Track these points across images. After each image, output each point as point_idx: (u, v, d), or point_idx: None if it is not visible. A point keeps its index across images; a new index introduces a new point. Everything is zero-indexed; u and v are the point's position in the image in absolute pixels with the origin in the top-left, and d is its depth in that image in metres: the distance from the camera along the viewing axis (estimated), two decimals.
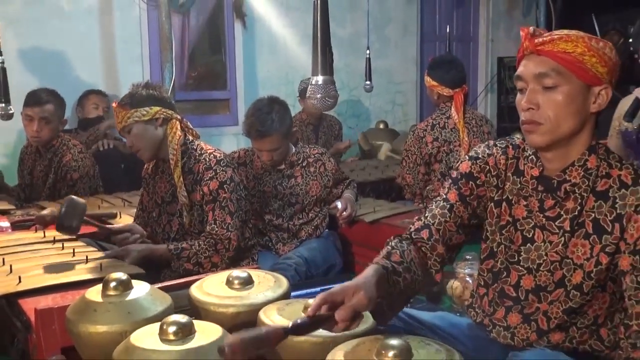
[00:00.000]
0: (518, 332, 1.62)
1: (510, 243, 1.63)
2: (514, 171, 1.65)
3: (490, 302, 1.68)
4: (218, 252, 2.51)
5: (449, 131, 3.47)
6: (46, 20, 4.63)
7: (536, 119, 1.49)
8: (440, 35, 6.88)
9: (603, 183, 1.52)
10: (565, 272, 1.55)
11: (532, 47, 1.50)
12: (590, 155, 1.53)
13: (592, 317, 1.56)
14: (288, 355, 1.44)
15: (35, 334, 1.68)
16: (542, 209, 1.58)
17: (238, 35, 5.57)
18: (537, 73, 1.49)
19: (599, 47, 1.47)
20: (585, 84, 1.49)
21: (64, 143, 3.55)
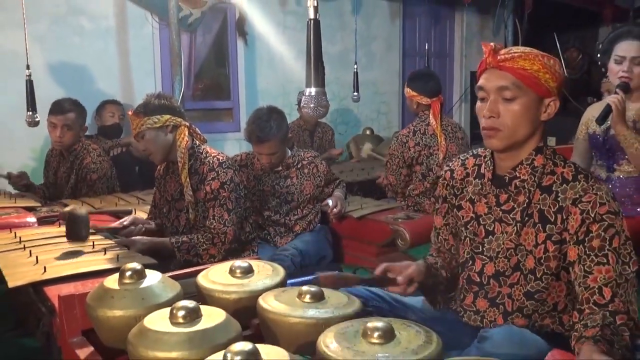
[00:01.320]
0: (486, 315, 1.63)
1: (475, 236, 1.66)
2: (476, 175, 1.69)
3: (460, 290, 1.70)
4: (215, 245, 2.52)
5: (429, 137, 3.48)
6: (69, 38, 4.61)
7: (496, 125, 1.53)
8: (420, 51, 6.89)
9: (548, 179, 1.56)
10: (520, 258, 1.58)
11: (495, 63, 1.53)
12: (537, 155, 1.57)
13: (552, 304, 1.58)
14: (285, 335, 1.44)
15: (59, 318, 1.67)
16: (499, 204, 1.61)
17: (240, 51, 5.57)
18: (499, 86, 1.52)
19: (550, 64, 1.51)
20: (539, 96, 1.52)
21: (85, 147, 3.54)
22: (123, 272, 1.57)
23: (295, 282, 1.75)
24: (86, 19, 4.69)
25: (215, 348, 1.22)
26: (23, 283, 1.91)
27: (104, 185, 3.54)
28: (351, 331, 1.30)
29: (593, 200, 1.46)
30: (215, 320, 1.33)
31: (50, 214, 2.94)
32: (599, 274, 1.41)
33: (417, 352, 1.22)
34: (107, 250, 2.22)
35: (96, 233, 2.50)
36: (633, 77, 2.66)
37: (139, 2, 4.90)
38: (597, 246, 1.43)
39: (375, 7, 6.41)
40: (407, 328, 1.32)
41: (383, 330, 1.26)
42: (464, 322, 1.67)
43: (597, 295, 1.39)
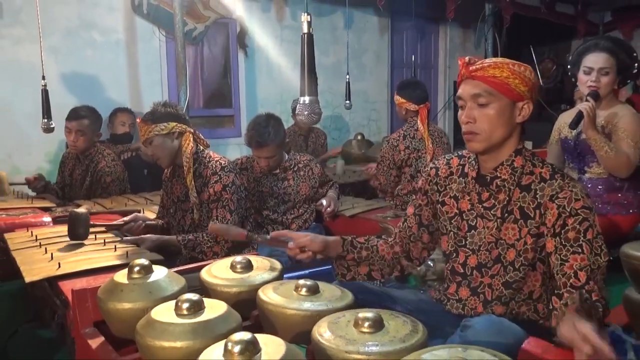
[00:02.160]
0: (468, 303, 1.63)
1: (458, 230, 1.67)
2: (460, 174, 1.69)
3: (444, 280, 1.70)
4: (218, 243, 2.51)
5: (418, 140, 3.49)
6: (82, 51, 4.60)
7: (474, 130, 1.55)
8: (407, 63, 6.90)
9: (527, 178, 1.57)
10: (500, 251, 1.58)
11: (468, 74, 1.55)
12: (517, 156, 1.58)
13: (527, 292, 1.58)
14: (282, 325, 1.43)
15: (72, 310, 1.67)
16: (481, 201, 1.62)
17: (241, 62, 5.57)
18: (473, 94, 1.54)
19: (520, 70, 1.52)
20: (511, 101, 1.53)
21: (99, 152, 3.53)
22: (132, 268, 1.56)
23: (291, 276, 1.75)
24: (98, 32, 4.68)
25: (217, 338, 1.21)
26: (39, 278, 1.90)
27: (116, 187, 3.53)
28: (343, 321, 1.30)
29: (569, 196, 1.48)
30: (217, 312, 1.33)
31: (65, 213, 2.93)
32: (574, 261, 1.43)
33: (404, 340, 1.22)
34: (117, 247, 2.22)
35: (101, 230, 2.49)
36: (600, 86, 2.68)
37: (147, 17, 4.89)
38: (573, 237, 1.45)
39: (365, 22, 6.42)
40: (395, 318, 1.33)
41: (373, 321, 1.26)
42: (447, 310, 1.67)
43: (573, 278, 1.41)
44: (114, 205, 3.17)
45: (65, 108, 3.50)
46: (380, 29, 6.59)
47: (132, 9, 4.82)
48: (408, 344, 1.20)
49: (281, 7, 5.70)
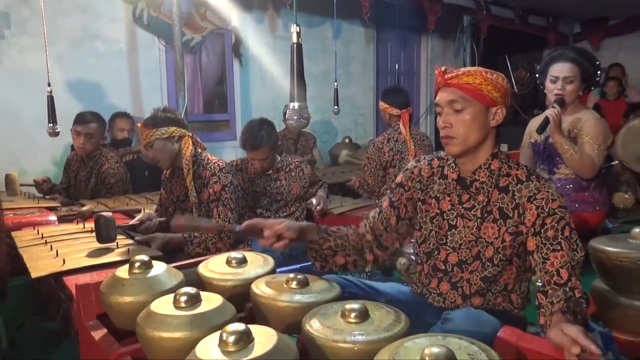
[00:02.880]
0: (448, 297, 1.63)
1: (439, 229, 1.66)
2: (440, 175, 1.68)
3: (426, 275, 1.70)
4: (222, 239, 2.50)
5: (401, 143, 3.50)
6: (86, 59, 4.56)
7: (451, 134, 1.55)
8: (391, 70, 6.92)
9: (504, 180, 1.57)
10: (480, 249, 1.59)
11: (444, 81, 1.55)
12: (494, 159, 1.59)
13: (503, 284, 1.59)
14: (274, 317, 1.43)
15: (76, 304, 1.65)
16: (461, 202, 1.62)
17: (236, 70, 5.55)
18: (449, 100, 1.54)
19: (492, 78, 1.52)
20: (485, 106, 1.54)
21: (103, 154, 3.52)
22: (132, 263, 1.55)
23: (283, 271, 1.74)
24: (101, 42, 4.64)
25: (213, 329, 1.21)
26: (44, 274, 1.88)
27: (120, 187, 3.52)
28: (331, 312, 1.30)
29: (546, 197, 1.49)
30: (213, 305, 1.32)
31: (69, 212, 2.91)
32: (555, 259, 1.43)
33: (387, 329, 1.22)
34: (119, 244, 2.20)
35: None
36: (566, 93, 2.71)
37: (147, 27, 4.86)
38: (552, 236, 1.45)
39: (352, 33, 6.42)
40: (380, 309, 1.33)
41: (359, 311, 1.26)
42: (429, 303, 1.68)
43: (556, 276, 1.42)
44: (116, 205, 3.15)
45: (70, 113, 3.47)
46: (366, 39, 6.60)
47: (134, 20, 4.79)
48: (392, 333, 1.20)
49: (274, 19, 5.69)
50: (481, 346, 1.10)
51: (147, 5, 4.79)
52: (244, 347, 1.08)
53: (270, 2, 5.61)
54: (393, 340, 1.16)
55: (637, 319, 1.64)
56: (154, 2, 4.78)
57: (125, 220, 2.79)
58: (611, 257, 1.67)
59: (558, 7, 6.98)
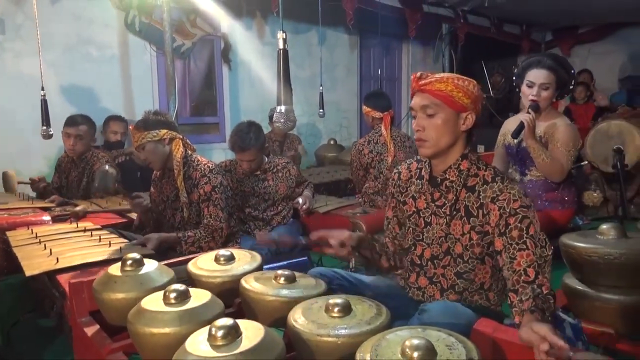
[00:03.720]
0: (426, 291, 1.65)
1: (416, 226, 1.68)
2: (417, 176, 1.71)
3: (406, 270, 1.71)
4: (214, 238, 2.49)
5: (381, 145, 3.51)
6: (79, 64, 4.50)
7: (423, 137, 1.57)
8: (374, 76, 6.94)
9: (472, 180, 1.59)
10: (450, 245, 1.60)
11: (418, 87, 1.57)
12: (463, 160, 1.60)
13: (479, 283, 1.60)
14: (261, 311, 1.42)
15: (69, 301, 1.63)
16: (433, 200, 1.64)
17: (225, 75, 5.52)
18: (422, 105, 1.56)
19: (464, 85, 1.54)
20: (455, 112, 1.55)
21: (95, 155, 3.47)
22: (124, 261, 1.54)
23: (271, 267, 1.74)
24: (94, 48, 4.58)
25: (202, 324, 1.20)
26: (38, 272, 1.85)
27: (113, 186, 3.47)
28: (316, 307, 1.30)
29: (507, 197, 1.50)
30: (202, 300, 1.31)
31: (63, 212, 2.87)
32: (522, 258, 1.43)
33: (369, 322, 1.22)
34: (111, 243, 2.17)
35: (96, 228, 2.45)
36: (541, 100, 2.70)
37: (139, 34, 4.81)
38: (517, 235, 1.45)
39: (337, 39, 6.43)
40: (362, 303, 1.33)
41: (342, 306, 1.26)
42: (409, 297, 1.68)
43: (524, 275, 1.42)
44: (108, 205, 3.11)
45: (64, 117, 3.43)
46: (350, 46, 6.61)
47: (126, 27, 4.74)
48: (373, 326, 1.21)
49: (262, 26, 5.68)
50: (459, 338, 1.11)
51: (139, 12, 4.74)
52: (232, 341, 1.08)
53: (258, 10, 5.60)
54: (375, 333, 1.17)
55: (604, 310, 1.66)
56: (145, 9, 4.74)
57: (117, 220, 2.76)
58: (580, 252, 1.69)
59: (531, 16, 7.05)
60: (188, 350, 1.07)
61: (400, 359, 1.02)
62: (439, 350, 1.04)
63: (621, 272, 1.63)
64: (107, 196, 3.36)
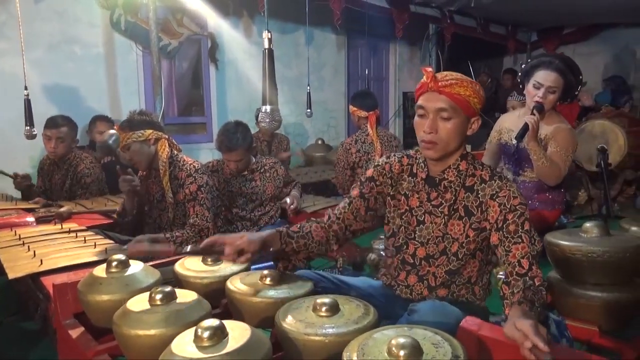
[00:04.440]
0: (415, 288, 1.65)
1: (408, 225, 1.66)
2: (409, 173, 1.68)
3: (395, 268, 1.70)
4: (202, 238, 2.47)
5: (368, 145, 3.52)
6: (63, 63, 4.45)
7: (434, 140, 1.53)
8: (362, 76, 6.95)
9: (470, 180, 1.59)
10: (446, 244, 1.60)
11: (436, 88, 1.51)
12: (462, 161, 1.60)
13: (467, 277, 1.61)
14: (248, 312, 1.42)
15: (54, 303, 1.61)
16: (429, 199, 1.62)
17: (212, 74, 5.50)
18: (438, 108, 1.52)
19: (477, 89, 1.53)
20: (467, 116, 1.54)
21: (78, 156, 3.44)
22: (110, 263, 1.53)
23: (258, 267, 1.73)
24: (78, 47, 4.53)
25: (189, 325, 1.19)
26: (22, 274, 1.83)
27: (96, 187, 3.44)
28: (303, 307, 1.30)
29: (507, 195, 1.52)
30: (188, 301, 1.31)
31: (47, 214, 2.83)
32: (517, 250, 1.46)
33: (357, 322, 1.23)
34: (97, 245, 2.15)
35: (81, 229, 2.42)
36: (546, 102, 2.63)
37: (124, 33, 4.77)
38: (513, 230, 1.48)
39: (324, 39, 6.43)
40: (349, 302, 1.34)
41: (329, 305, 1.26)
42: (397, 295, 1.69)
43: (518, 267, 1.43)
44: (94, 206, 3.08)
45: (47, 116, 3.37)
46: (337, 46, 6.62)
47: (111, 26, 4.70)
48: (361, 325, 1.21)
49: (249, 25, 5.66)
50: (444, 336, 1.12)
51: (125, 11, 4.70)
52: (218, 342, 1.08)
53: (245, 9, 5.58)
54: (362, 332, 1.17)
55: (588, 307, 1.68)
56: (131, 8, 4.70)
57: (102, 221, 2.73)
58: (564, 250, 1.71)
59: (517, 17, 7.12)
60: (174, 352, 1.07)
61: (387, 358, 1.03)
62: (425, 349, 1.05)
63: (604, 269, 1.65)
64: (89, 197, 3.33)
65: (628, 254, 1.64)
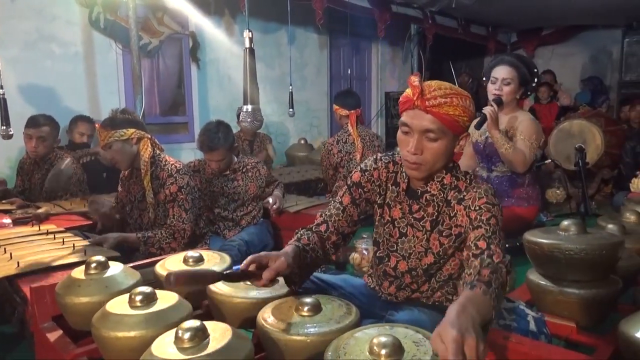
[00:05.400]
0: (398, 296, 1.65)
1: (390, 237, 1.63)
2: (392, 182, 1.62)
3: (378, 277, 1.70)
4: (176, 239, 2.46)
5: (349, 145, 3.54)
6: (40, 62, 4.37)
7: (419, 161, 1.45)
8: (344, 75, 6.96)
9: (452, 193, 1.53)
10: (428, 259, 1.57)
11: (423, 107, 1.39)
12: (447, 174, 1.53)
13: (447, 274, 1.60)
14: (230, 313, 1.42)
15: (31, 306, 1.59)
16: (411, 212, 1.58)
17: (194, 74, 5.45)
18: (425, 128, 1.41)
19: (467, 105, 1.42)
20: (456, 135, 1.46)
21: (59, 156, 3.39)
22: (89, 264, 1.51)
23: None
24: (56, 45, 4.46)
25: (169, 326, 1.18)
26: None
27: (76, 188, 3.39)
28: (285, 307, 1.30)
29: (472, 196, 1.47)
30: (169, 303, 1.29)
31: (24, 215, 2.78)
32: (473, 234, 1.39)
33: (339, 321, 1.23)
34: (75, 246, 2.12)
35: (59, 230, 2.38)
36: (503, 94, 2.85)
37: (104, 31, 4.70)
38: (473, 217, 1.43)
39: (307, 39, 6.43)
40: (331, 302, 1.34)
41: (311, 305, 1.27)
42: (378, 296, 1.69)
43: (474, 248, 1.36)
44: (73, 207, 3.03)
45: (25, 116, 3.32)
46: (320, 45, 6.62)
47: (90, 24, 4.62)
48: (342, 325, 1.22)
49: (230, 25, 5.63)
50: (426, 334, 1.13)
51: (104, 9, 4.63)
52: (199, 343, 1.07)
53: (227, 8, 5.55)
54: (344, 331, 1.18)
55: (566, 304, 1.71)
56: (110, 6, 4.63)
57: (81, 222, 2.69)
58: (543, 248, 1.74)
59: (497, 18, 7.21)
60: (154, 354, 1.06)
61: (369, 357, 1.03)
62: (406, 347, 1.05)
63: (581, 266, 1.68)
64: (69, 198, 3.28)
65: (604, 251, 1.67)
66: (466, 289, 1.19)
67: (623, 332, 1.36)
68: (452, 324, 0.98)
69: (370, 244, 2.75)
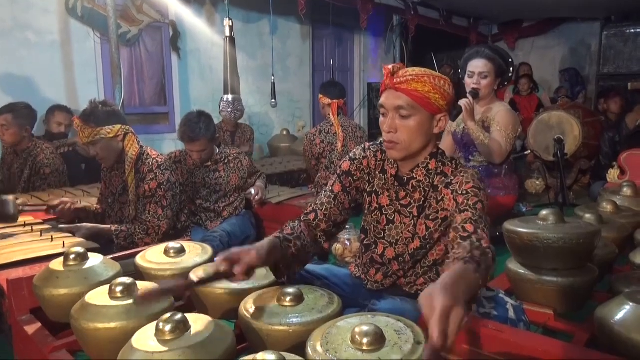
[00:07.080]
0: (383, 283, 1.66)
1: (378, 224, 1.64)
2: (380, 170, 1.64)
3: (364, 265, 1.70)
4: (149, 235, 2.42)
5: (332, 135, 3.54)
6: (16, 51, 4.27)
7: (394, 139, 1.49)
8: (327, 66, 6.95)
9: (438, 178, 1.55)
10: (415, 244, 1.58)
11: (392, 85, 1.46)
12: (432, 159, 1.55)
13: (432, 260, 1.61)
14: (212, 304, 1.41)
15: (8, 299, 1.56)
16: (398, 199, 1.60)
17: (174, 63, 5.39)
18: (396, 105, 1.46)
19: (440, 84, 1.45)
20: (431, 114, 1.48)
21: (38, 146, 3.34)
22: (67, 256, 1.49)
23: None
24: (32, 33, 4.35)
25: (150, 318, 1.18)
26: None
27: (55, 178, 3.34)
28: (267, 297, 1.30)
29: (460, 181, 1.49)
30: None
31: None
32: (460, 217, 1.40)
33: (321, 311, 1.23)
34: (53, 238, 2.08)
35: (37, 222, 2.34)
36: (481, 87, 2.88)
37: (81, 19, 4.61)
38: (460, 202, 1.44)
39: (289, 29, 6.39)
40: (314, 292, 1.34)
41: (293, 295, 1.27)
42: (367, 289, 1.69)
43: (461, 231, 1.37)
44: (51, 199, 2.97)
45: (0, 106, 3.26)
46: (302, 36, 6.59)
47: (67, 12, 4.52)
48: (325, 314, 1.22)
49: (212, 14, 5.56)
50: (407, 323, 1.13)
51: None
52: (180, 335, 1.06)
53: None
54: (326, 321, 1.18)
55: (544, 292, 1.74)
56: None
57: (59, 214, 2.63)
58: (522, 237, 1.76)
59: (478, 10, 7.25)
60: (135, 346, 1.05)
61: (351, 346, 1.04)
62: (387, 336, 1.06)
63: (559, 255, 1.71)
64: (47, 189, 3.22)
65: (582, 240, 1.70)
66: (459, 262, 1.19)
67: (599, 319, 1.39)
68: (445, 289, 0.98)
69: (352, 235, 2.76)
